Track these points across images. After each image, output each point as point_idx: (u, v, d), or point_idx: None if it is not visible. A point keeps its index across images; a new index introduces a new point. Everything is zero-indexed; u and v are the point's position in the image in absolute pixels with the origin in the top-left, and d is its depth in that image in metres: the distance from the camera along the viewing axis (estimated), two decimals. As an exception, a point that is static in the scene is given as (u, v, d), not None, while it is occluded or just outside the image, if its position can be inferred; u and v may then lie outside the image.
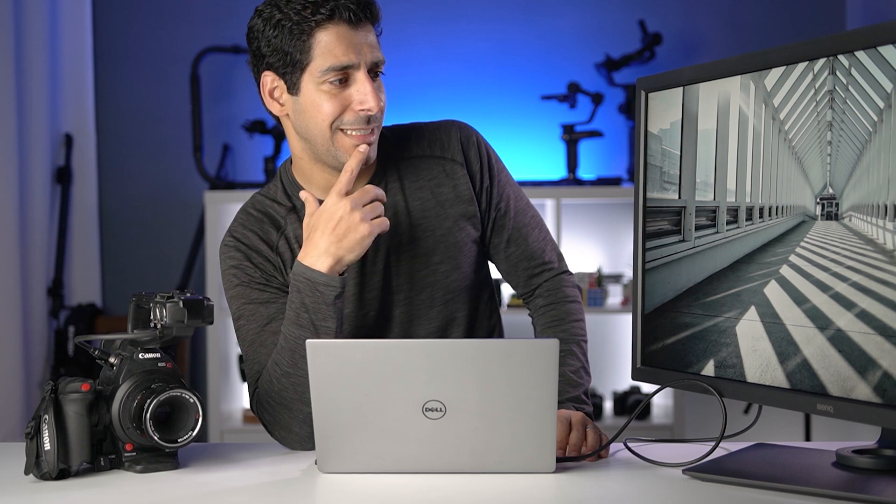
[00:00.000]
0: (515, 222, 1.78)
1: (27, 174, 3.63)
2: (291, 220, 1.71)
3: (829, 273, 1.34)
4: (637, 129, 1.60)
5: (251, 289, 1.67)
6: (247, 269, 1.68)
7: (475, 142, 1.76)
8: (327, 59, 1.57)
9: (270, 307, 1.66)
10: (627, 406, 3.72)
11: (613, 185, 3.73)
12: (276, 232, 1.70)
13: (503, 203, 1.77)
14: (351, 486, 1.38)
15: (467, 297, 1.76)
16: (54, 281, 3.75)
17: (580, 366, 1.73)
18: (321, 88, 1.59)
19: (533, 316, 1.83)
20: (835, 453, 1.40)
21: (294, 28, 1.57)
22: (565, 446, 1.52)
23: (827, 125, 1.34)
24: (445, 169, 1.74)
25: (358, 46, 1.57)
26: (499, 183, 1.77)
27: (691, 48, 3.96)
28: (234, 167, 3.98)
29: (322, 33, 1.56)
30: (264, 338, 1.64)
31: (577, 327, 1.78)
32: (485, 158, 1.76)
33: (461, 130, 1.76)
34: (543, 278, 1.81)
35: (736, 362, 1.45)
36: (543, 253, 1.81)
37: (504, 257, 1.80)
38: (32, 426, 1.43)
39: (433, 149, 1.75)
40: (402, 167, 1.73)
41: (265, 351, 1.64)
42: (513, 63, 3.95)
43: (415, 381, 1.38)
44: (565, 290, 1.81)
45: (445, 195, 1.73)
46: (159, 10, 3.98)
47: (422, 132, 1.76)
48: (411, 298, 1.72)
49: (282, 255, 1.70)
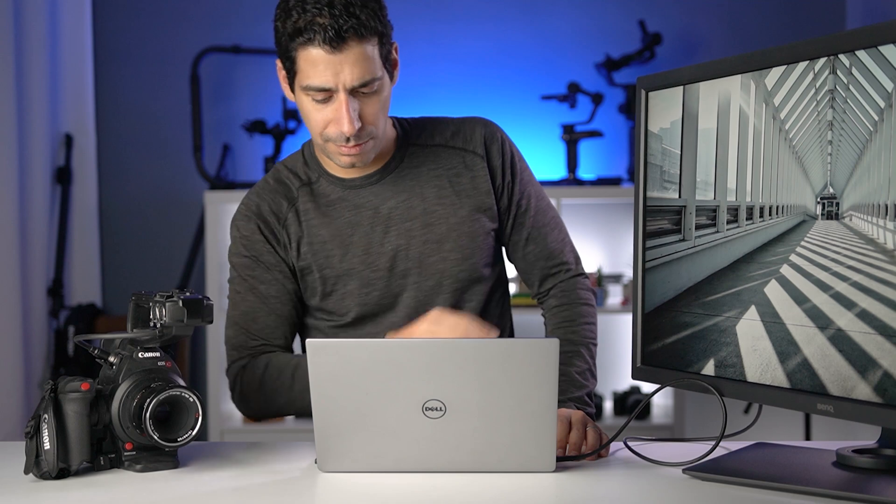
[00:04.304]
0: (535, 221, 1.80)
1: (27, 174, 3.62)
2: (304, 193, 1.76)
3: (829, 273, 1.34)
4: (637, 128, 1.60)
5: (258, 269, 1.75)
6: (256, 242, 1.75)
7: (499, 138, 1.79)
8: (306, 77, 1.61)
9: (271, 287, 1.74)
10: (627, 406, 3.72)
11: (613, 185, 3.72)
12: (286, 204, 1.76)
13: (524, 201, 1.79)
14: (351, 486, 1.38)
15: (477, 290, 1.78)
16: (54, 281, 3.75)
17: (586, 368, 1.74)
18: (307, 99, 1.63)
19: (545, 316, 1.84)
20: (835, 453, 1.40)
21: (284, 40, 1.61)
22: (565, 445, 1.52)
23: (827, 124, 1.34)
24: (465, 160, 1.76)
25: (336, 69, 1.58)
26: (521, 181, 1.79)
27: (691, 48, 3.96)
28: (234, 167, 3.98)
29: (304, 52, 1.59)
30: (259, 316, 1.74)
31: (587, 330, 1.79)
32: (507, 156, 1.79)
33: (486, 127, 1.80)
34: (559, 279, 1.82)
35: (736, 362, 1.45)
36: (561, 254, 1.83)
37: (522, 255, 1.81)
38: (32, 425, 1.42)
39: (455, 140, 1.78)
40: (422, 154, 1.77)
41: (256, 327, 1.74)
42: (513, 63, 3.95)
43: (415, 381, 1.38)
44: (580, 291, 1.82)
45: (463, 185, 1.76)
46: (159, 10, 3.98)
47: (447, 124, 1.80)
48: (419, 284, 1.74)
49: (288, 228, 1.74)
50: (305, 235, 1.74)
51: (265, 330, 1.75)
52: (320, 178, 1.76)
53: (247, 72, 3.95)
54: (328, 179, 1.76)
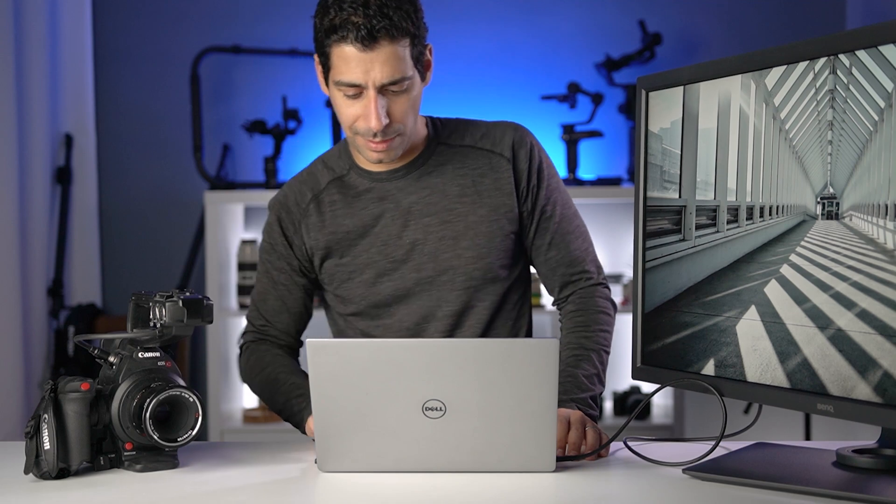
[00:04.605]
0: (560, 227, 1.82)
1: (27, 174, 3.62)
2: (333, 185, 1.83)
3: (829, 272, 1.34)
4: (637, 128, 1.60)
5: (273, 255, 1.86)
6: (274, 233, 1.85)
7: (528, 143, 1.83)
8: (339, 73, 1.67)
9: (281, 275, 1.85)
10: (627, 406, 3.72)
11: (613, 185, 3.72)
12: (310, 193, 1.84)
13: (549, 206, 1.82)
14: (351, 486, 1.38)
15: (491, 290, 1.80)
16: (54, 281, 3.75)
17: (594, 373, 1.74)
18: (339, 94, 1.69)
19: (562, 321, 1.86)
20: (835, 453, 1.40)
21: (321, 36, 1.68)
22: (564, 445, 1.52)
23: (827, 124, 1.34)
24: (492, 162, 1.81)
25: (367, 67, 1.64)
26: (548, 187, 1.83)
27: (691, 48, 3.95)
28: (234, 167, 3.98)
29: (337, 49, 1.66)
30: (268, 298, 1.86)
31: (601, 337, 1.80)
32: (535, 161, 1.82)
33: (516, 131, 1.84)
34: (578, 286, 1.84)
35: (736, 362, 1.45)
36: (583, 262, 1.85)
37: (544, 259, 1.84)
38: (32, 425, 1.42)
39: (484, 142, 1.83)
40: (449, 153, 1.82)
41: (264, 307, 1.86)
42: (513, 63, 3.94)
43: (415, 381, 1.38)
44: (598, 300, 1.84)
45: (486, 185, 1.80)
46: (159, 10, 3.98)
47: (478, 126, 1.85)
48: (433, 278, 1.78)
49: (308, 216, 1.82)
50: (328, 224, 1.81)
51: (270, 312, 1.86)
52: (350, 171, 1.84)
53: (247, 72, 3.95)
54: (357, 172, 1.83)
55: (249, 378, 1.84)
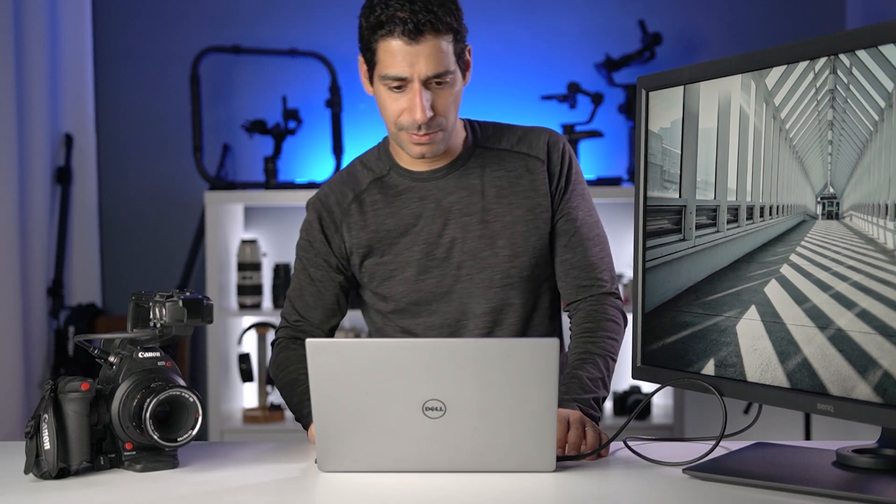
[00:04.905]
0: (580, 233, 1.85)
1: (27, 174, 3.62)
2: (374, 185, 1.87)
3: (829, 272, 1.34)
4: (637, 128, 1.60)
5: (310, 252, 1.88)
6: (314, 230, 1.88)
7: (561, 147, 1.87)
8: (385, 67, 1.71)
9: (318, 272, 1.87)
10: (627, 406, 3.72)
11: (613, 185, 3.72)
12: (352, 194, 1.87)
13: (572, 211, 1.85)
14: (351, 486, 1.38)
15: (525, 287, 1.84)
16: (54, 281, 3.75)
17: (599, 376, 1.75)
18: (385, 88, 1.73)
19: (571, 328, 1.87)
20: (835, 453, 1.40)
21: (367, 33, 1.73)
22: (563, 445, 1.52)
23: (828, 124, 1.34)
24: (528, 165, 1.85)
25: (412, 60, 1.69)
26: (573, 192, 1.86)
27: (691, 48, 3.95)
28: (234, 167, 3.98)
29: (383, 44, 1.70)
30: (305, 293, 1.88)
31: (609, 344, 1.82)
32: (566, 165, 1.86)
33: (551, 136, 1.88)
34: (590, 292, 1.86)
35: (736, 361, 1.45)
36: (598, 270, 1.86)
37: (560, 261, 1.86)
38: (32, 425, 1.42)
39: (521, 146, 1.87)
40: (487, 156, 1.86)
41: (300, 303, 1.89)
42: (513, 63, 3.94)
43: (415, 381, 1.38)
44: (608, 308, 1.85)
45: (522, 186, 1.84)
46: (159, 10, 3.98)
47: (515, 131, 1.89)
48: (472, 276, 1.82)
49: (350, 216, 1.85)
50: (370, 223, 1.84)
51: (305, 307, 1.89)
52: (391, 171, 1.87)
53: (247, 72, 3.95)
54: (398, 171, 1.86)
55: (275, 375, 1.87)
